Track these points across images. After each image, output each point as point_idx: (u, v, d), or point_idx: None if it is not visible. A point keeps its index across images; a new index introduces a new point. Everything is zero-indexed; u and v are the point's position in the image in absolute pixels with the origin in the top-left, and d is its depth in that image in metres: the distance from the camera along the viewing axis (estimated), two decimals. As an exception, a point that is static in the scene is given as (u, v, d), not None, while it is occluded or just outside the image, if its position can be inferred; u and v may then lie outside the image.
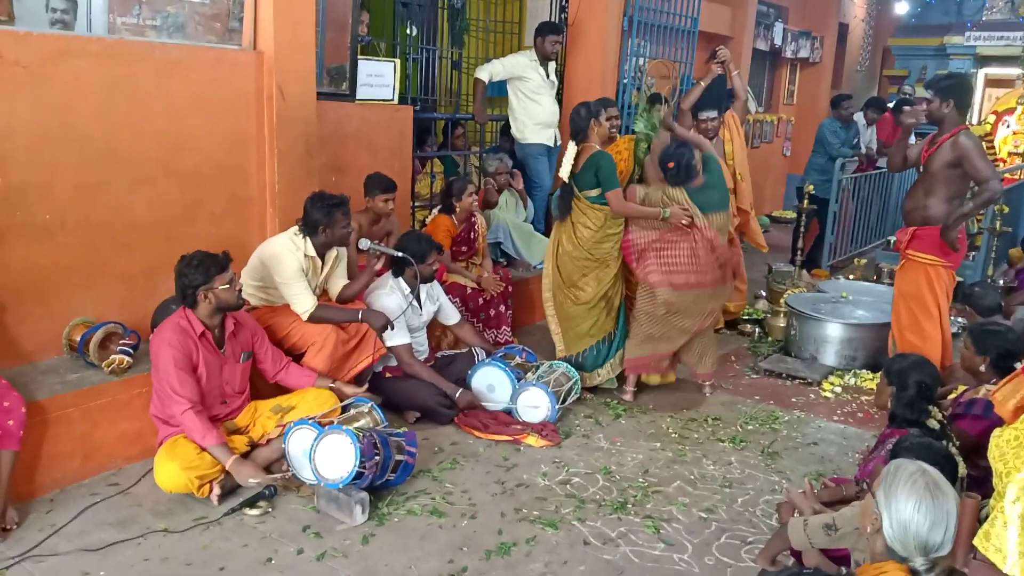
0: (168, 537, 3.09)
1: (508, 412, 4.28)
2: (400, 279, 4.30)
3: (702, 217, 4.37)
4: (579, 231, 4.47)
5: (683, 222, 4.33)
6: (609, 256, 4.51)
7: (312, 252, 3.91)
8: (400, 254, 4.16)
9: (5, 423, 3.03)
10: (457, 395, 4.22)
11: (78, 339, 3.58)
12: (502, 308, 5.33)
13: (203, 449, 3.30)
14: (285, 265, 3.81)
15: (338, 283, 4.16)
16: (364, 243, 4.16)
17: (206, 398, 3.44)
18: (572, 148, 4.44)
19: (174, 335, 3.34)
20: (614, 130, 4.56)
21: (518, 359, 4.58)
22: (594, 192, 4.40)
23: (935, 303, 4.45)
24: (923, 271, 4.44)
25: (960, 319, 6.02)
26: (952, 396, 3.67)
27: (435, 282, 4.52)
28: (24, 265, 3.49)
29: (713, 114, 5.51)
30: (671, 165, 4.34)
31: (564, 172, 4.46)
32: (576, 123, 4.46)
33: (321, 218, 3.84)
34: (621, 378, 4.73)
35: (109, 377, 3.53)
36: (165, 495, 3.34)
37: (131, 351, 3.63)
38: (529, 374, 4.39)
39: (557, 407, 4.21)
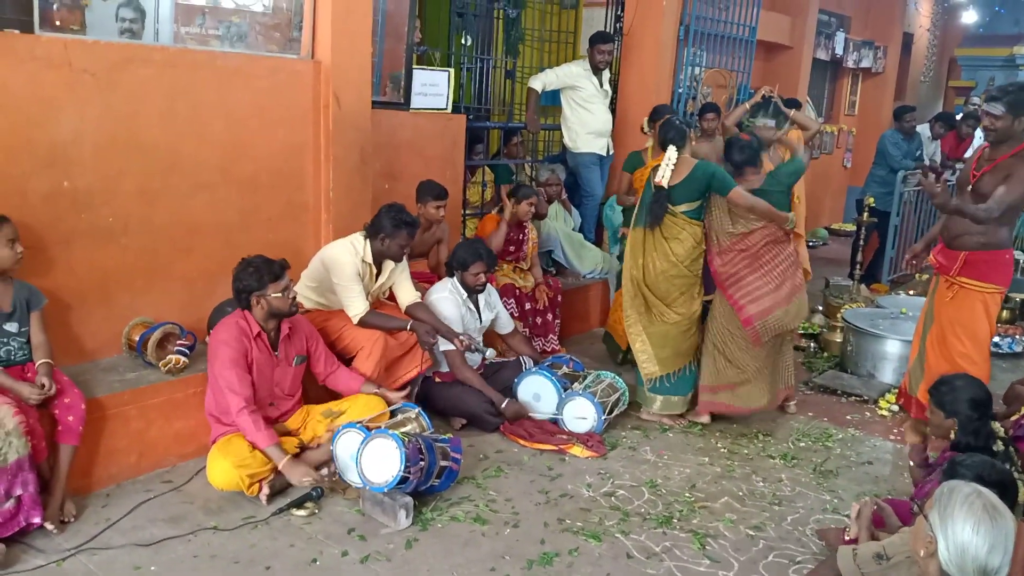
0: (217, 535, 3.16)
1: (554, 421, 4.26)
2: (454, 280, 4.33)
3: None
4: (675, 247, 4.24)
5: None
6: (699, 273, 4.37)
7: (369, 258, 3.98)
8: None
9: (65, 419, 3.14)
10: (504, 404, 4.21)
11: (137, 339, 3.69)
12: (550, 317, 5.32)
13: (255, 448, 3.37)
14: (343, 267, 3.90)
15: (407, 295, 4.18)
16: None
17: (256, 398, 3.51)
18: (673, 154, 4.14)
19: (231, 334, 3.42)
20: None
21: (565, 368, 4.56)
22: (694, 206, 4.21)
23: (989, 330, 4.16)
24: (980, 299, 4.11)
25: (1021, 337, 5.82)
26: (1015, 417, 3.55)
27: (493, 291, 4.53)
28: (88, 266, 3.61)
29: (769, 123, 5.40)
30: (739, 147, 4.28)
31: (663, 178, 4.13)
32: (680, 129, 4.24)
33: (386, 227, 3.92)
34: (694, 400, 4.50)
35: (166, 376, 3.62)
36: (216, 493, 3.41)
37: (187, 351, 3.72)
38: (576, 384, 4.37)
39: (603, 418, 4.18)
